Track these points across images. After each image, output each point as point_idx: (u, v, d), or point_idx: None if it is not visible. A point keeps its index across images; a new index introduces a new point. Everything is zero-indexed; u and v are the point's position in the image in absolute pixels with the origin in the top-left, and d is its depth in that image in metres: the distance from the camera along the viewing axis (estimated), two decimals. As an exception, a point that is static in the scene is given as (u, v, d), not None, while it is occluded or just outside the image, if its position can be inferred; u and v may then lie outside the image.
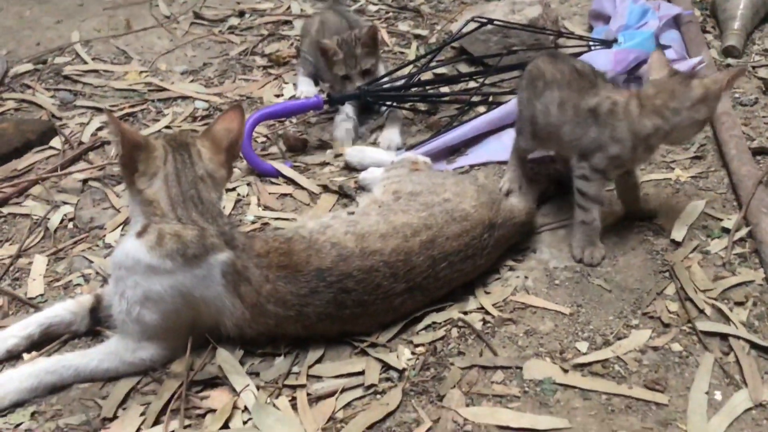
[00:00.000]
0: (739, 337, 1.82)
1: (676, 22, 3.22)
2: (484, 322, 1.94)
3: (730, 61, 3.05)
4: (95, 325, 1.98)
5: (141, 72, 3.28)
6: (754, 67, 3.00)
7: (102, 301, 1.98)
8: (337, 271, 1.83)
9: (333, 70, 2.89)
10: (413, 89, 2.88)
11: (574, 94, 2.09)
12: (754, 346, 1.80)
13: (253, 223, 2.37)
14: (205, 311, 1.81)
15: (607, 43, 3.06)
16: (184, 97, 3.08)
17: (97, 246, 2.31)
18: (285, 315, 1.82)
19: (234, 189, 2.53)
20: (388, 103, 2.84)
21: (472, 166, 2.59)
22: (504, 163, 2.47)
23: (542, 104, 2.16)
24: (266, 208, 2.45)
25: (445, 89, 3.02)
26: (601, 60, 2.85)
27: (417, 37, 3.50)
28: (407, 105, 2.92)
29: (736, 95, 2.81)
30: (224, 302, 1.80)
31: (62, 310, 1.97)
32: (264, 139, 2.81)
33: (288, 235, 1.91)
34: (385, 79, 2.87)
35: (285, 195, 2.51)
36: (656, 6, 3.25)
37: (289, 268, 1.83)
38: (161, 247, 1.74)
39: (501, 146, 2.59)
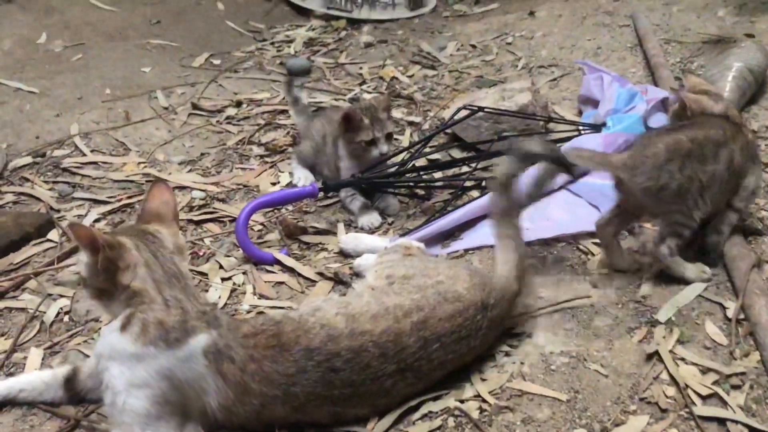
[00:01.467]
0: (737, 422, 1.80)
1: (663, 105, 3.29)
2: (481, 410, 1.92)
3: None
4: (73, 396, 2.02)
5: (139, 163, 3.33)
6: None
7: (79, 373, 2.02)
8: (325, 350, 1.83)
9: (358, 138, 2.88)
10: (407, 175, 2.93)
11: None
12: (752, 430, 1.78)
13: (248, 312, 2.38)
14: (190, 393, 1.81)
15: (597, 127, 3.12)
16: (182, 187, 3.12)
17: (93, 339, 2.31)
18: (271, 394, 1.82)
19: (230, 278, 2.55)
20: (384, 189, 2.88)
21: (466, 251, 2.60)
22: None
23: None
24: (262, 296, 2.45)
25: (438, 174, 3.06)
26: (590, 144, 2.91)
27: (410, 123, 3.57)
28: (402, 190, 2.96)
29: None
30: (207, 382, 1.80)
31: (35, 378, 2.05)
32: (260, 227, 2.83)
33: (277, 318, 1.93)
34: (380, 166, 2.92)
35: (280, 283, 2.52)
36: (644, 90, 3.32)
37: (276, 347, 1.83)
38: (145, 336, 1.77)
39: (494, 230, 2.61)
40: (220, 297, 2.45)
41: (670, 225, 2.27)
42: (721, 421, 1.82)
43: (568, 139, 3.03)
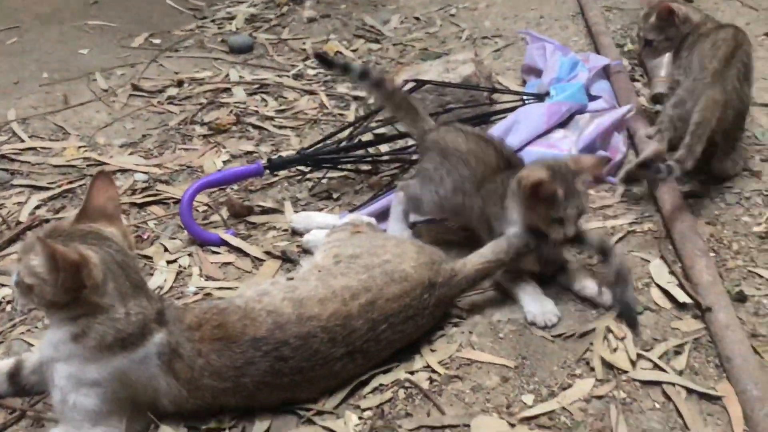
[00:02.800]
0: (674, 384, 1.85)
1: (605, 72, 3.32)
2: (431, 380, 1.94)
3: (659, 108, 3.13)
4: (18, 390, 1.97)
5: (79, 147, 3.25)
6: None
7: (23, 369, 1.96)
8: (273, 339, 1.81)
9: (542, 213, 2.10)
10: (354, 150, 2.91)
11: None
12: (690, 391, 1.84)
13: (195, 294, 2.35)
14: (142, 391, 1.78)
15: (540, 97, 3.14)
16: (124, 170, 3.06)
17: (36, 328, 2.26)
18: (222, 387, 1.80)
19: (175, 261, 2.51)
20: (329, 165, 2.86)
21: (415, 224, 2.60)
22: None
23: None
24: (208, 278, 2.43)
25: (385, 148, 3.05)
26: (535, 113, 2.93)
27: (356, 98, 3.55)
28: (349, 166, 2.94)
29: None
30: (159, 382, 1.78)
31: None
32: (205, 208, 2.80)
33: (222, 305, 1.89)
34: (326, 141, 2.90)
35: (227, 264, 2.49)
36: (585, 58, 3.34)
37: (222, 339, 1.81)
38: (101, 345, 1.72)
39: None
40: (165, 280, 2.42)
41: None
42: (661, 384, 1.86)
43: (513, 109, 3.04)
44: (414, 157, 2.88)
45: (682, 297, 2.11)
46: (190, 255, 2.54)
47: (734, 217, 2.45)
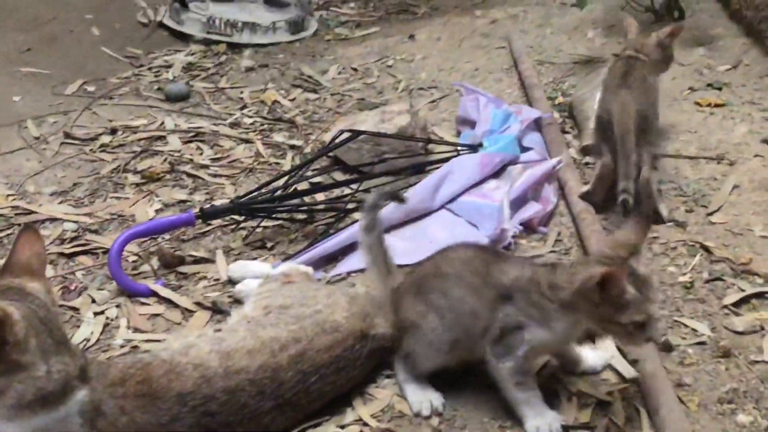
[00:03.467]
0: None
1: (537, 124, 3.39)
2: (362, 434, 1.91)
3: (588, 159, 3.21)
4: None
5: (8, 195, 3.17)
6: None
7: None
8: (199, 394, 1.77)
9: (623, 317, 1.77)
10: (290, 199, 2.90)
11: None
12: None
13: (122, 347, 2.30)
14: None
15: (474, 148, 3.18)
16: (53, 219, 2.99)
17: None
18: None
19: (102, 312, 2.46)
20: (263, 214, 2.85)
21: (349, 273, 2.60)
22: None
23: None
24: (136, 330, 2.37)
25: (321, 197, 3.05)
26: (468, 163, 2.98)
27: (292, 147, 3.55)
28: (284, 215, 2.92)
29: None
30: None
31: None
32: (135, 258, 2.75)
33: (147, 359, 1.84)
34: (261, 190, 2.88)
35: (156, 315, 2.44)
36: (518, 111, 3.41)
37: (147, 395, 1.76)
38: (20, 405, 1.64)
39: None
40: (92, 332, 2.36)
41: None
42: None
43: (447, 159, 3.08)
44: (349, 206, 2.89)
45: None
46: (118, 306, 2.48)
47: (660, 268, 2.50)
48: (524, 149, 3.18)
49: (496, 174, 3.03)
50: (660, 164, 3.01)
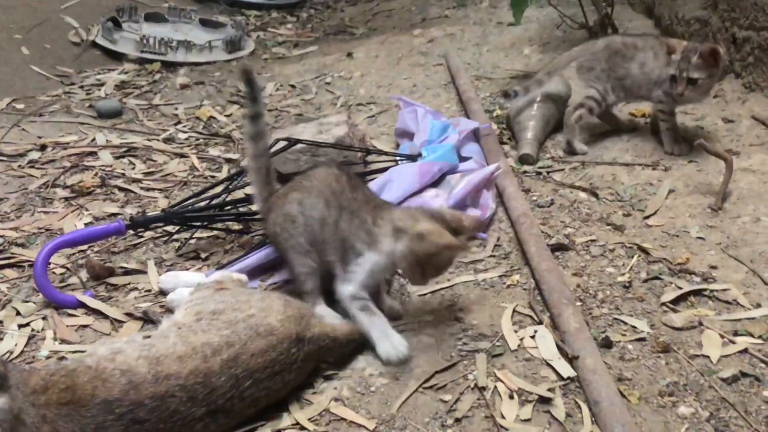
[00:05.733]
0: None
1: (475, 135, 3.39)
2: (299, 438, 1.85)
3: (526, 168, 3.22)
4: None
5: (-69, 211, 3.04)
6: (548, 172, 3.18)
7: None
8: (126, 400, 1.69)
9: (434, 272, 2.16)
10: (225, 208, 2.83)
11: None
12: None
13: (47, 358, 2.19)
14: None
15: (413, 158, 3.16)
16: (-23, 234, 2.87)
17: None
18: None
19: (27, 324, 2.34)
20: (197, 224, 2.77)
21: (286, 281, 2.53)
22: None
23: None
24: (63, 341, 2.26)
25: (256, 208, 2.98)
26: (407, 172, 2.95)
27: (228, 161, 3.49)
28: (219, 225, 2.85)
29: (534, 198, 2.96)
30: None
31: None
32: (63, 270, 2.64)
33: (71, 366, 1.75)
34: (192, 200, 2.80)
35: (84, 326, 2.34)
36: (456, 122, 3.41)
37: (70, 403, 1.67)
38: None
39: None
40: (16, 345, 2.25)
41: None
42: (536, 427, 1.84)
43: (386, 169, 3.05)
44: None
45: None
46: (44, 318, 2.37)
47: (599, 269, 2.50)
48: (463, 159, 3.17)
49: (436, 183, 3.02)
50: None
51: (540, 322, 2.22)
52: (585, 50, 3.43)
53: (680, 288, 2.35)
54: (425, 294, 2.39)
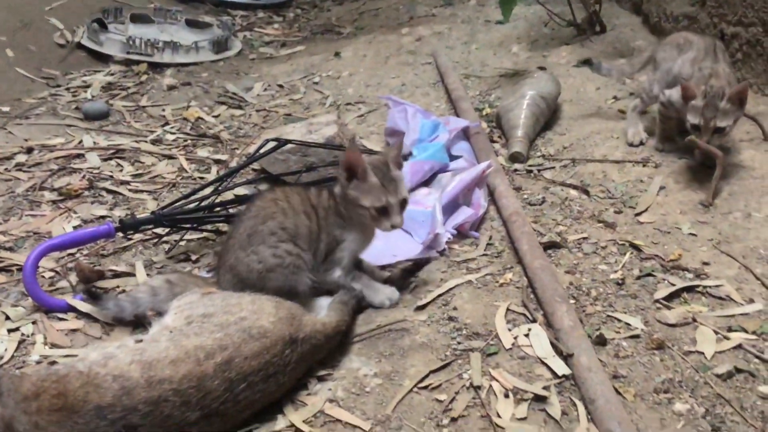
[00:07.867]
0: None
1: (465, 134, 3.38)
2: (294, 440, 1.83)
3: (516, 166, 3.21)
4: None
5: None
6: (539, 170, 3.18)
7: None
8: (119, 406, 1.68)
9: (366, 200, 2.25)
10: (215, 210, 2.81)
11: None
12: None
13: (38, 363, 2.16)
14: None
15: (404, 157, 3.15)
16: (-36, 239, 2.84)
17: None
18: None
19: (17, 329, 2.32)
20: (186, 226, 2.75)
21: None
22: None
23: None
24: (54, 346, 2.24)
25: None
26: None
27: (217, 161, 3.46)
28: (209, 227, 2.83)
29: (525, 196, 2.95)
30: None
31: None
32: (52, 274, 2.61)
33: (62, 372, 1.73)
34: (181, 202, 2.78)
35: (75, 330, 2.32)
36: (446, 121, 3.40)
37: (63, 410, 1.65)
38: None
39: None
40: (6, 349, 2.22)
41: None
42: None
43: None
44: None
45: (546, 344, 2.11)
46: (34, 323, 2.35)
47: (592, 266, 2.49)
48: (453, 158, 3.17)
49: (427, 181, 3.02)
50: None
51: (534, 321, 2.21)
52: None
53: (673, 284, 2.35)
54: (422, 299, 2.37)
